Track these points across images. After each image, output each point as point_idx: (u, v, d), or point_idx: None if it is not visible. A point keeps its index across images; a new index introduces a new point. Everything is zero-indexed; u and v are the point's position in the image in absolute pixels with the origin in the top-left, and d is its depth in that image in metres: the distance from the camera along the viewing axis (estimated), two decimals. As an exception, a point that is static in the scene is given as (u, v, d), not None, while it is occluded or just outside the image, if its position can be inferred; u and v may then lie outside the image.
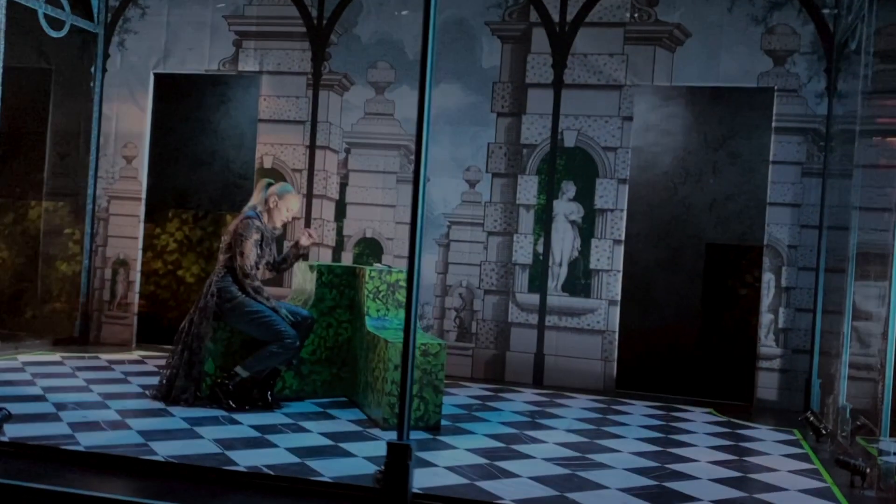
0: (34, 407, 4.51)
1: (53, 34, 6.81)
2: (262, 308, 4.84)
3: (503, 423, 4.89)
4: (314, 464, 3.73)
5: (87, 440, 3.87)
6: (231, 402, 4.77)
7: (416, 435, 4.35)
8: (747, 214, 6.90)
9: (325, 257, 6.86)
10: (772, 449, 4.69)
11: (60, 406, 4.57)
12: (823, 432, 4.92)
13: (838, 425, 4.85)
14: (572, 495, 3.51)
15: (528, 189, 6.52)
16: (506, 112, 6.58)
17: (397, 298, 5.15)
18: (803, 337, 6.00)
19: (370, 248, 6.81)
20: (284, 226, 5.41)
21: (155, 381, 5.10)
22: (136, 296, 7.26)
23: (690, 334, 6.98)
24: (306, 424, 4.55)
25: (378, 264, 5.78)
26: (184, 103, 7.33)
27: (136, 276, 7.25)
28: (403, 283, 5.18)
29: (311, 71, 6.93)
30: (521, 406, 5.48)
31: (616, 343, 6.34)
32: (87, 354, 6.48)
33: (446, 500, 3.22)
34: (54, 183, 7.54)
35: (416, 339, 3.24)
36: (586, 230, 6.42)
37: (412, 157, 6.73)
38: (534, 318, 6.48)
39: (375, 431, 4.48)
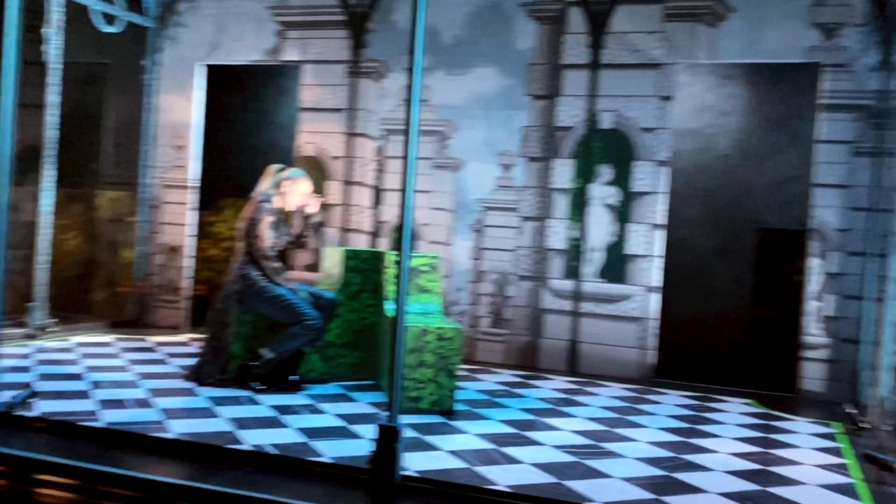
0: (70, 385, 4.69)
1: (107, 30, 7.04)
2: (283, 291, 4.89)
3: (523, 410, 4.81)
4: (319, 444, 3.76)
5: (108, 417, 4.00)
6: (256, 384, 4.84)
7: (429, 419, 4.36)
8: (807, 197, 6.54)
9: (361, 244, 6.89)
10: (804, 442, 4.47)
11: (96, 384, 4.74)
12: (863, 426, 4.65)
13: (880, 418, 4.59)
14: (570, 483, 3.42)
15: (563, 173, 6.38)
16: (541, 94, 6.44)
17: (417, 283, 5.12)
18: (852, 326, 5.69)
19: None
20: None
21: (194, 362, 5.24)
22: (187, 281, 7.47)
23: (739, 322, 6.68)
24: (324, 406, 4.59)
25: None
26: (231, 94, 7.47)
27: (188, 262, 7.46)
28: (424, 269, 5.15)
29: (350, 59, 6.96)
30: (547, 393, 5.38)
31: (654, 331, 6.16)
32: (137, 336, 6.69)
33: (434, 483, 3.19)
34: (112, 173, 7.81)
35: (404, 325, 3.20)
36: (623, 214, 6.24)
37: (446, 142, 6.69)
38: (568, 305, 6.35)
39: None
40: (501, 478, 3.42)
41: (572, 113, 6.36)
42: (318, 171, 7.04)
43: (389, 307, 5.03)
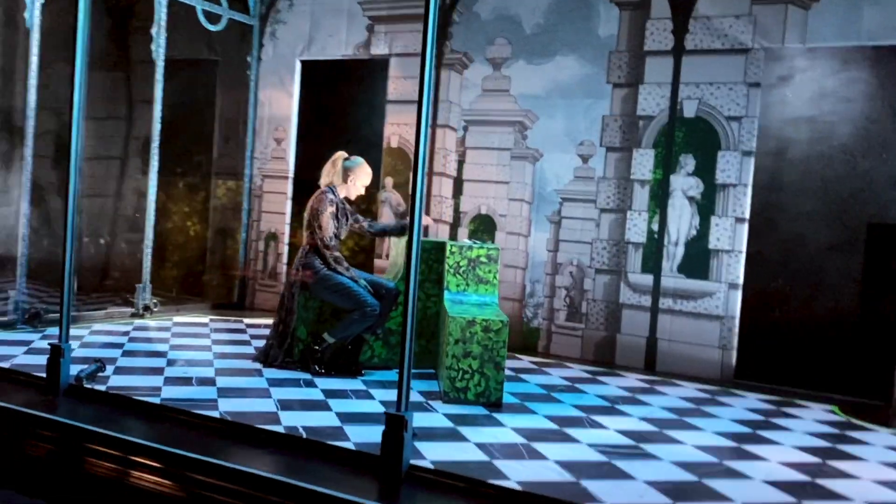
0: (148, 361, 5.04)
1: (211, 28, 7.44)
2: (344, 279, 5.03)
3: (576, 406, 4.71)
4: (350, 429, 3.85)
5: (167, 393, 4.27)
6: (318, 367, 5.02)
7: (472, 410, 4.36)
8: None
9: (443, 233, 6.94)
10: (875, 455, 4.12)
11: (171, 362, 5.07)
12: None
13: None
14: (588, 483, 3.33)
15: (643, 163, 6.16)
16: (622, 83, 6.24)
17: (477, 274, 5.12)
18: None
19: (485, 225, 6.79)
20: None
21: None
22: (284, 266, 7.80)
23: (844, 324, 6.20)
24: (375, 392, 4.68)
25: (468, 240, 5.75)
26: (324, 88, 7.71)
27: (285, 249, 7.80)
28: (484, 259, 5.13)
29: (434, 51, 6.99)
30: (611, 390, 5.24)
31: (736, 330, 5.84)
32: (234, 318, 7.07)
33: (439, 474, 3.19)
34: (221, 163, 8.27)
35: (415, 316, 3.22)
36: (705, 207, 5.95)
37: (526, 132, 6.61)
38: (647, 300, 6.13)
39: (436, 403, 4.51)
40: (517, 473, 3.38)
41: (654, 101, 6.12)
42: (403, 162, 7.16)
43: (448, 297, 5.06)
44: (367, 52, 7.35)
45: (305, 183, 7.99)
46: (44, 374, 4.15)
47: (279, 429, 3.74)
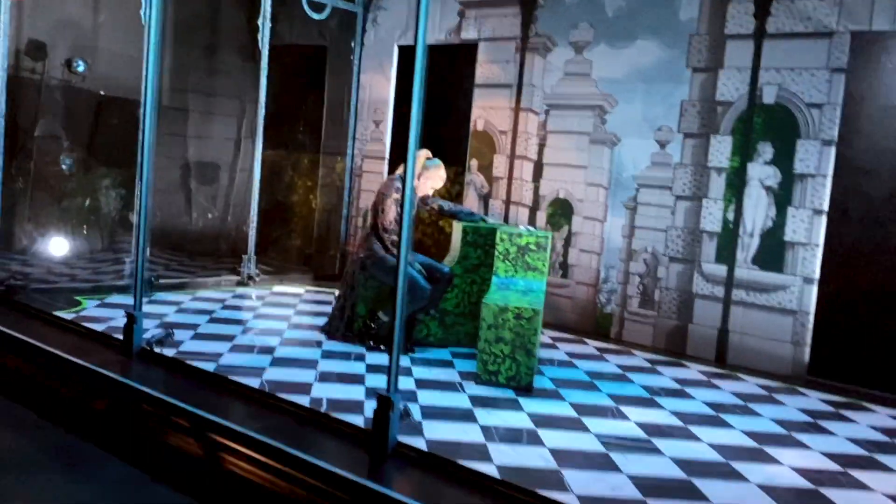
0: (224, 328, 5.59)
1: (316, 16, 7.92)
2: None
3: (612, 396, 4.77)
4: (370, 404, 4.15)
5: (225, 360, 4.77)
6: (372, 342, 5.38)
7: (501, 393, 4.57)
8: None
9: (523, 217, 7.07)
10: (912, 467, 3.92)
11: (246, 330, 5.60)
12: None
13: None
14: (568, 472, 3.46)
15: (720, 150, 5.99)
16: (701, 67, 6.07)
17: (526, 261, 5.25)
18: None
19: (562, 209, 6.86)
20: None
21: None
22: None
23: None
24: (417, 370, 4.97)
25: (522, 226, 5.86)
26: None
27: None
28: (533, 247, 5.26)
29: (519, 35, 7.10)
30: (662, 381, 5.23)
31: (810, 325, 5.62)
32: (327, 290, 7.57)
33: (422, 453, 3.44)
34: (329, 144, 8.80)
35: (405, 303, 3.46)
36: (782, 197, 5.72)
37: (605, 117, 6.59)
38: (719, 291, 6.00)
39: (468, 384, 4.73)
40: (503, 457, 3.56)
41: (734, 86, 5.92)
42: (488, 145, 7.33)
43: (496, 282, 5.25)
44: (458, 37, 7.55)
45: (398, 164, 8.38)
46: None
47: (304, 399, 4.11)
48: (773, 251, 5.77)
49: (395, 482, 3.25)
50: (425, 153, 5.63)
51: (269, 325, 5.81)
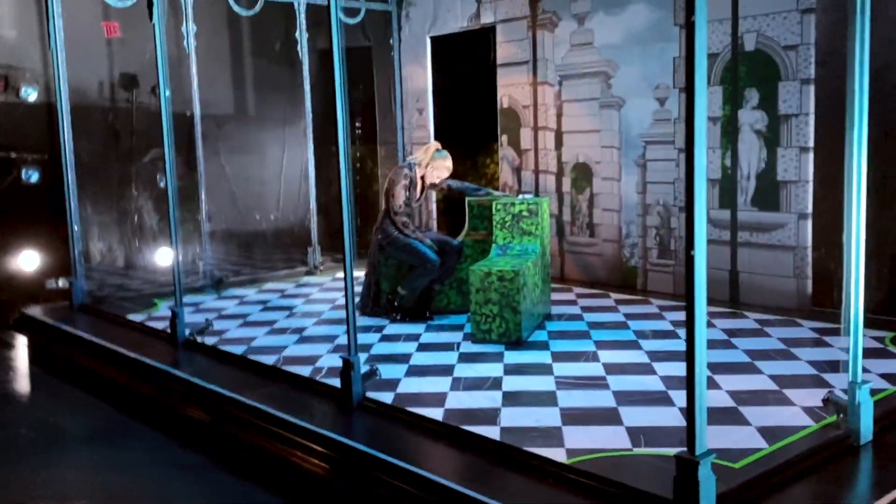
0: (271, 315, 6.53)
1: (350, 21, 8.71)
2: (410, 240, 6.05)
3: (597, 342, 5.27)
4: (366, 367, 4.92)
5: (258, 342, 5.66)
6: (395, 315, 6.15)
7: (491, 349, 5.21)
8: None
9: (550, 184, 7.59)
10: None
11: (290, 315, 6.50)
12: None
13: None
14: (506, 409, 4.06)
15: (713, 101, 6.26)
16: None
17: (521, 227, 5.83)
18: None
19: (583, 173, 7.31)
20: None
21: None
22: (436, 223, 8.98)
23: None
24: (427, 335, 5.68)
25: (522, 195, 6.38)
26: (449, 59, 8.61)
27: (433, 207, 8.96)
28: (526, 213, 5.82)
29: (529, 14, 7.58)
30: (660, 325, 5.65)
31: (809, 259, 5.85)
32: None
33: (381, 405, 4.17)
34: (382, 136, 9.61)
35: (352, 272, 4.20)
36: (771, 139, 5.95)
37: (610, 81, 6.98)
38: (726, 235, 6.31)
39: (466, 343, 5.40)
40: (456, 402, 4.21)
41: (718, 38, 6.17)
42: (514, 120, 7.88)
43: (494, 250, 5.86)
44: (478, 22, 8.11)
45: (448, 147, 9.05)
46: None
47: (307, 369, 4.91)
48: (768, 192, 6.01)
49: (354, 430, 4.01)
50: (435, 145, 6.29)
51: (312, 308, 6.70)
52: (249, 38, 9.14)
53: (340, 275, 8.27)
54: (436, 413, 4.07)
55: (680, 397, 4.14)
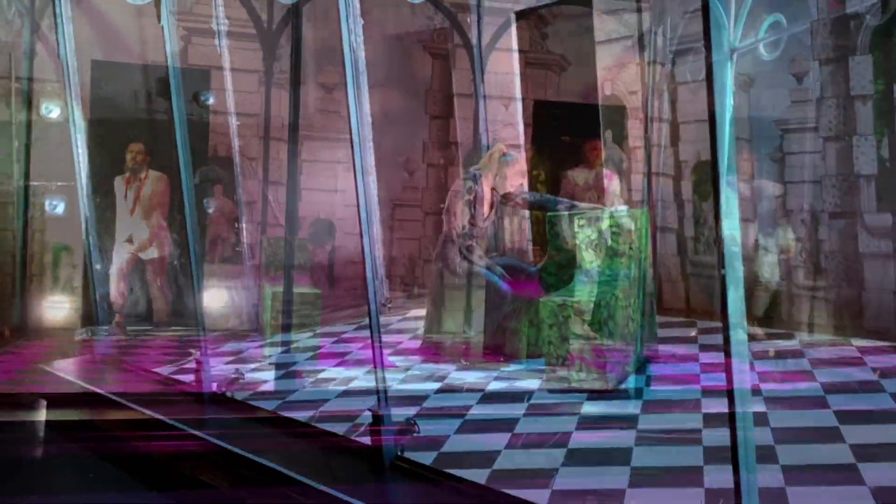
0: (311, 364, 7.02)
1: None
2: (477, 268, 6.39)
3: (712, 386, 5.40)
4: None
5: (295, 395, 6.16)
6: (461, 359, 6.49)
7: (570, 398, 5.47)
8: None
9: (666, 189, 7.76)
10: None
11: (341, 363, 6.98)
12: None
13: None
14: (566, 468, 4.33)
15: (859, 74, 6.31)
16: (825, -24, 6.45)
17: (611, 247, 6.05)
18: None
19: (706, 175, 7.45)
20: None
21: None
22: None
23: None
24: (493, 384, 5.98)
25: (619, 207, 6.59)
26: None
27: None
28: (616, 229, 6.05)
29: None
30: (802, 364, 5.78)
31: None
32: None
33: (417, 465, 4.50)
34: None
35: (376, 304, 4.58)
36: (939, 120, 5.95)
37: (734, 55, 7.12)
38: (888, 246, 6.31)
39: (540, 394, 5.67)
40: (510, 461, 4.51)
41: (864, -8, 6.24)
42: (618, 112, 8.13)
43: (578, 277, 6.12)
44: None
45: (534, 156, 9.36)
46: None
47: (342, 426, 5.32)
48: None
49: (382, 493, 4.38)
50: (499, 147, 6.63)
51: (368, 355, 7.14)
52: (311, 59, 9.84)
53: (413, 312, 8.75)
54: (480, 475, 4.38)
55: (786, 452, 4.29)
